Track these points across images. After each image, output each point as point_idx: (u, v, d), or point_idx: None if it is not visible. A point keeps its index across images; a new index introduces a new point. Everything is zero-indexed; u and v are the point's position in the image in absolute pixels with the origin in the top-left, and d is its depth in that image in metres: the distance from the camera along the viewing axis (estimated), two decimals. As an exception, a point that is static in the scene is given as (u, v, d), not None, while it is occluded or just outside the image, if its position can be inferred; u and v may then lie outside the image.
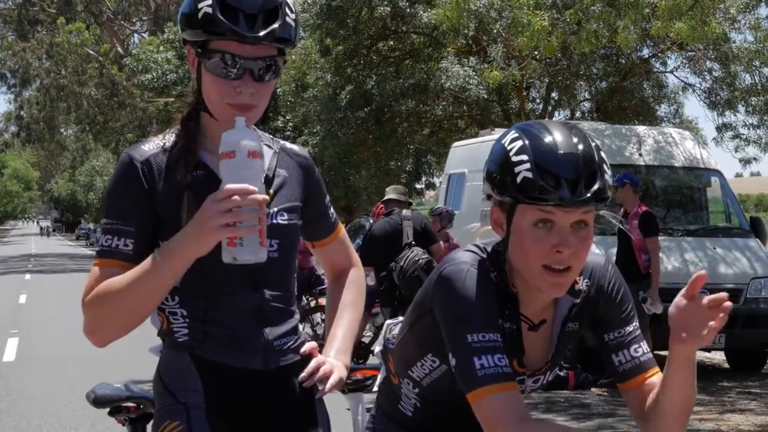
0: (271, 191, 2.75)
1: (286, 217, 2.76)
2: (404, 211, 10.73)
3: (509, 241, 2.48)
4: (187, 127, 2.70)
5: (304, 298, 13.47)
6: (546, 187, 2.37)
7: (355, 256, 3.12)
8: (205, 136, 2.71)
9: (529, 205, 2.40)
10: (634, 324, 2.67)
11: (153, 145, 2.69)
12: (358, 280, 3.09)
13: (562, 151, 2.40)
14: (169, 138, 2.72)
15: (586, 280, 2.63)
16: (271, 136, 2.88)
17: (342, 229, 3.08)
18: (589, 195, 2.38)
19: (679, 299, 2.39)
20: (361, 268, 3.15)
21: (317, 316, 13.36)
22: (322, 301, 13.38)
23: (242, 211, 2.42)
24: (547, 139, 2.42)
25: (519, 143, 2.44)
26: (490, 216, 2.54)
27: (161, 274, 2.51)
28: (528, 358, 2.62)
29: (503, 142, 2.48)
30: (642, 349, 2.64)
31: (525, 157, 2.40)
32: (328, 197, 3.01)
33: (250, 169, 2.46)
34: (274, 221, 2.73)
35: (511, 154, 2.43)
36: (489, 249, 2.56)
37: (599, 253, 2.72)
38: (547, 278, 2.43)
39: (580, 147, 2.42)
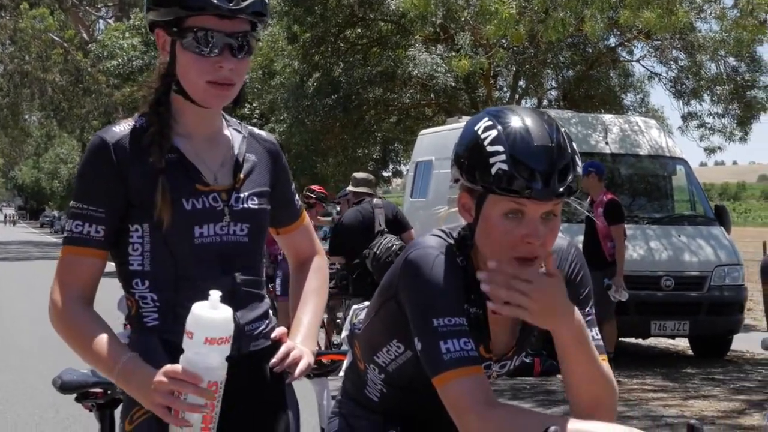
0: (241, 175, 2.77)
1: (256, 201, 2.78)
2: (375, 200, 10.75)
3: (477, 228, 2.49)
4: (158, 111, 2.70)
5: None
6: (520, 180, 2.37)
7: (319, 244, 3.15)
8: (176, 121, 2.71)
9: (501, 196, 2.40)
10: (588, 309, 2.67)
11: (124, 128, 2.69)
12: (321, 268, 3.12)
13: (536, 143, 2.39)
14: (139, 121, 2.72)
15: None
16: (239, 121, 2.89)
17: (306, 217, 3.11)
18: (562, 189, 2.39)
19: None
20: (324, 256, 3.15)
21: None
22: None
23: (183, 403, 2.43)
24: (522, 129, 2.41)
25: (494, 132, 2.42)
26: (458, 200, 2.54)
27: (113, 379, 2.63)
28: (494, 344, 2.63)
29: (476, 128, 2.46)
30: (594, 334, 2.64)
31: (500, 149, 2.39)
32: (293, 184, 3.03)
33: (203, 356, 2.42)
34: (245, 206, 2.74)
35: (485, 143, 2.41)
36: (455, 234, 2.58)
37: (563, 236, 2.74)
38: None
39: (554, 138, 2.42)
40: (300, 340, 2.88)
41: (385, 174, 35.02)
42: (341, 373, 2.90)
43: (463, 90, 24.76)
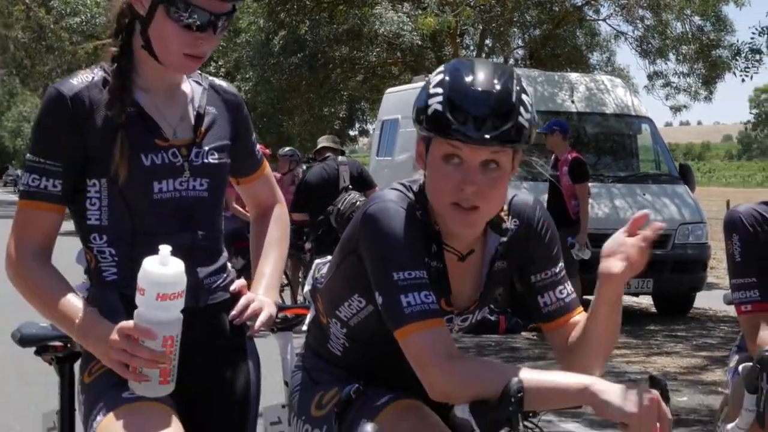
0: (202, 129, 2.74)
1: (216, 156, 2.75)
2: (340, 157, 10.77)
3: (426, 174, 2.51)
4: (120, 64, 2.66)
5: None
6: (451, 122, 2.38)
7: (279, 194, 3.13)
8: (137, 74, 2.68)
9: (442, 140, 2.42)
10: (560, 265, 2.70)
11: (82, 80, 2.64)
12: (282, 217, 3.11)
13: (476, 88, 2.41)
14: (97, 73, 2.67)
15: (514, 220, 2.64)
16: (200, 72, 2.85)
17: (267, 167, 3.08)
18: (495, 134, 2.38)
19: (619, 234, 2.42)
20: (284, 205, 3.14)
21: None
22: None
23: (135, 359, 2.43)
24: (468, 75, 2.43)
25: (440, 77, 2.46)
26: (416, 149, 2.56)
27: (72, 334, 2.61)
28: (456, 297, 2.63)
29: (430, 76, 2.51)
30: (567, 290, 2.68)
31: (440, 90, 2.43)
32: (254, 135, 3.00)
33: (156, 312, 2.41)
34: (205, 160, 2.72)
35: (430, 86, 2.46)
36: (415, 187, 2.57)
37: (528, 193, 2.75)
38: (456, 215, 2.46)
39: (498, 86, 2.42)
40: (262, 291, 2.87)
41: (351, 133, 34.95)
42: (305, 327, 2.89)
43: (430, 48, 24.67)
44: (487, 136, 2.38)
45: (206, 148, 2.73)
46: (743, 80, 13.26)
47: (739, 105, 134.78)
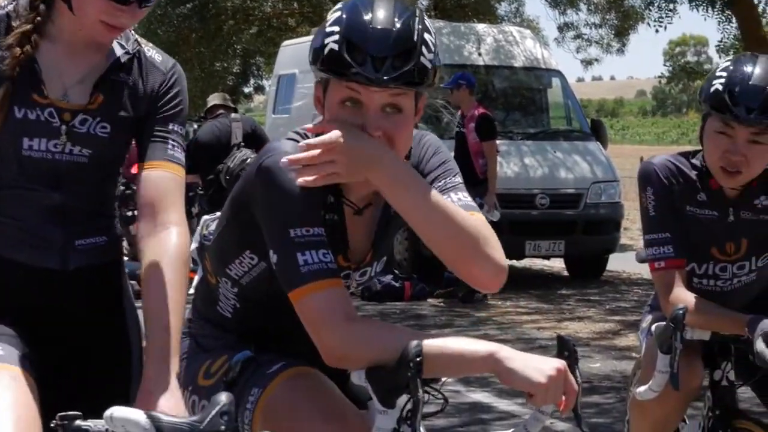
0: (100, 97, 2.65)
1: (108, 129, 2.67)
2: (232, 114, 10.70)
3: (323, 120, 2.49)
4: (37, 10, 2.60)
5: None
6: (348, 62, 2.37)
7: (181, 214, 2.70)
8: (51, 22, 2.62)
9: (338, 82, 2.41)
10: (451, 178, 2.60)
11: None
12: (182, 258, 2.62)
13: (375, 27, 2.39)
14: (9, 9, 2.62)
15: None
16: (132, 36, 2.75)
17: (179, 171, 2.72)
18: (395, 75, 2.37)
19: None
20: (185, 230, 2.70)
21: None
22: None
23: None
24: (367, 13, 2.41)
25: (337, 14, 2.44)
26: (314, 93, 2.53)
27: None
28: (352, 251, 2.63)
29: (328, 13, 2.49)
30: (459, 197, 2.56)
31: (336, 29, 2.41)
32: (178, 125, 2.76)
33: None
34: (92, 131, 2.64)
35: (327, 25, 2.44)
36: (311, 135, 2.53)
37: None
38: None
39: (398, 25, 2.41)
40: (154, 371, 2.46)
41: (245, 90, 34.66)
42: (192, 290, 2.83)
43: (329, -2, 24.53)
44: (387, 77, 2.36)
45: (98, 118, 2.65)
46: (657, 31, 13.45)
47: (654, 59, 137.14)
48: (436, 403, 2.33)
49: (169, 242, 2.59)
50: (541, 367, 2.20)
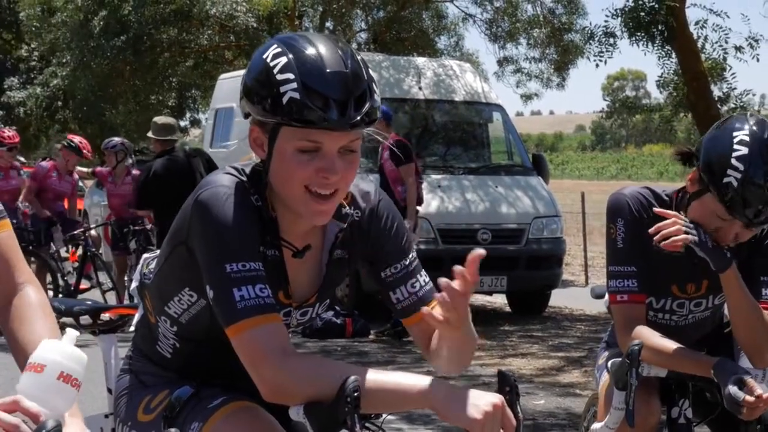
0: None
1: None
2: (186, 147, 10.76)
3: (271, 164, 2.46)
4: None
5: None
6: (314, 110, 2.35)
7: (29, 269, 2.50)
8: None
9: (294, 128, 2.38)
10: (411, 255, 2.70)
11: None
12: (46, 304, 2.46)
13: (329, 69, 2.38)
14: None
15: (356, 211, 2.65)
16: None
17: (9, 224, 2.47)
18: (359, 117, 2.38)
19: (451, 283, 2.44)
20: (39, 284, 2.52)
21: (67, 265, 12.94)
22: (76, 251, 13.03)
23: None
24: (313, 54, 2.40)
25: (283, 59, 2.40)
26: (249, 135, 2.50)
27: None
28: (294, 288, 2.62)
29: (264, 56, 2.43)
30: (420, 282, 2.68)
31: (291, 76, 2.37)
32: None
33: (53, 394, 2.04)
34: None
35: (275, 71, 2.39)
36: (248, 171, 2.53)
37: (370, 181, 2.75)
38: (311, 205, 2.44)
39: (349, 64, 2.40)
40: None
41: (182, 123, 34.46)
42: (132, 328, 2.81)
43: (266, 31, 24.50)
44: (353, 121, 2.37)
45: None
46: (597, 65, 13.56)
47: (593, 94, 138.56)
48: (377, 439, 2.34)
49: (31, 299, 2.41)
50: (477, 402, 2.21)
